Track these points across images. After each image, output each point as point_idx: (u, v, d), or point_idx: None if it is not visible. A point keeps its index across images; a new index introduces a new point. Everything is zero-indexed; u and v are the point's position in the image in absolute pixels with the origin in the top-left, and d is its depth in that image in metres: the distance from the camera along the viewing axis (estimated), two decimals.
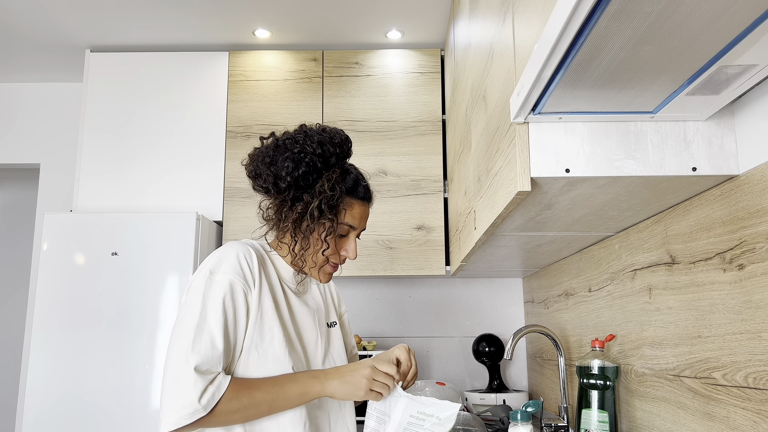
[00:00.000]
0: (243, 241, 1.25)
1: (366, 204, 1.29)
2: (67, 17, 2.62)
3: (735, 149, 1.08)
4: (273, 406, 1.14)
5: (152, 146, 2.76)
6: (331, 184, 1.21)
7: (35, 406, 2.29)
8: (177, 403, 1.08)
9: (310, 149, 1.21)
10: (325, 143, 1.23)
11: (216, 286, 1.15)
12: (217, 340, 1.12)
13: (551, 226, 1.57)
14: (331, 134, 1.25)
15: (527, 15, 1.10)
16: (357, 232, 1.29)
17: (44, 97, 3.26)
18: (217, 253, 1.20)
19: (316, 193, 1.21)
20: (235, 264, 1.17)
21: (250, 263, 1.19)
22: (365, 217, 1.29)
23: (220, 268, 1.17)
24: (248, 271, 1.18)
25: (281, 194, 1.23)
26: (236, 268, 1.17)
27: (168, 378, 1.10)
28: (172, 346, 1.12)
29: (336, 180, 1.23)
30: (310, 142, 1.22)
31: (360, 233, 1.30)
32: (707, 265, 1.20)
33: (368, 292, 2.99)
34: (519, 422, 1.42)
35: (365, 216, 1.29)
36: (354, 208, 1.26)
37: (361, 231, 1.30)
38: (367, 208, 1.30)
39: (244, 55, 2.83)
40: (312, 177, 1.22)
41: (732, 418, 1.12)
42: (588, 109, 1.04)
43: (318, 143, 1.22)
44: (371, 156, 2.73)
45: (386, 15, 2.61)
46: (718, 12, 0.70)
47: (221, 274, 1.16)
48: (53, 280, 2.39)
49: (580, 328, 2.04)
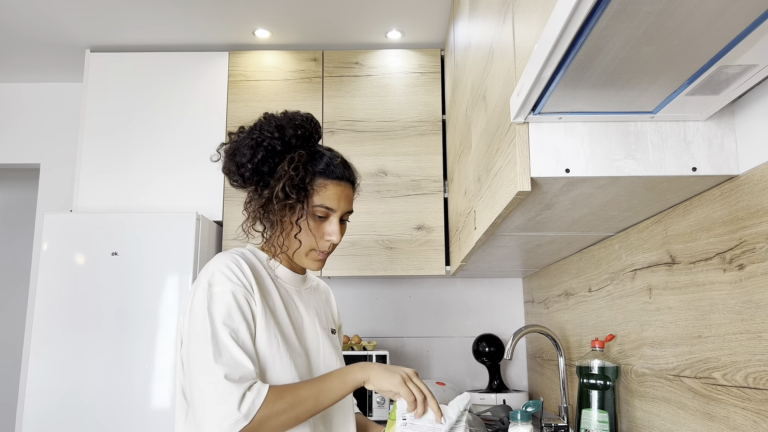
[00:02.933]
0: (232, 251, 1.23)
1: (343, 183, 1.23)
2: (67, 17, 2.62)
3: (735, 149, 1.08)
4: (319, 401, 1.11)
5: (152, 146, 2.76)
6: (294, 164, 1.19)
7: (35, 406, 2.29)
8: (215, 417, 1.03)
9: (268, 134, 1.20)
10: (285, 126, 1.21)
11: (218, 299, 1.13)
12: (233, 349, 1.09)
13: (551, 226, 1.57)
14: (292, 116, 1.23)
15: (527, 15, 1.10)
16: (338, 215, 1.23)
17: (44, 97, 3.26)
18: (209, 268, 1.17)
19: (279, 175, 1.19)
20: (230, 273, 1.15)
21: (243, 270, 1.17)
22: (345, 198, 1.24)
23: (218, 280, 1.15)
24: (243, 278, 1.16)
25: (248, 184, 1.22)
26: (232, 277, 1.15)
27: (198, 398, 1.06)
28: (194, 369, 1.08)
29: (300, 161, 1.19)
30: (268, 127, 1.21)
31: (346, 216, 1.26)
32: (707, 265, 1.20)
33: (368, 292, 2.99)
34: (519, 422, 1.42)
35: (344, 197, 1.24)
36: (328, 188, 1.21)
37: (345, 213, 1.25)
38: (345, 189, 1.24)
39: (244, 55, 2.83)
40: (273, 161, 1.20)
41: (732, 418, 1.12)
42: (588, 109, 1.04)
43: (276, 127, 1.21)
44: (371, 156, 2.73)
45: (386, 15, 2.61)
46: (718, 12, 0.70)
47: (219, 285, 1.14)
48: (53, 280, 2.39)
49: (580, 328, 2.04)
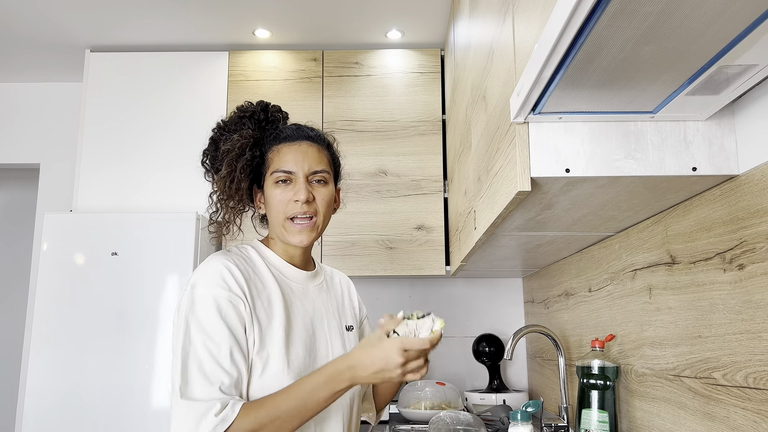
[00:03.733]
0: (230, 248, 1.19)
1: (297, 143, 1.20)
2: (67, 17, 2.62)
3: (735, 149, 1.08)
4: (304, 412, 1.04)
5: (152, 146, 2.76)
6: (233, 140, 1.19)
7: (35, 406, 2.29)
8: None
9: (221, 125, 1.24)
10: (233, 114, 1.25)
11: (199, 303, 1.08)
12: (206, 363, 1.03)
13: (551, 226, 1.57)
14: (243, 106, 1.26)
15: (527, 15, 1.10)
16: (303, 175, 1.18)
17: (44, 96, 3.26)
18: (200, 268, 1.13)
19: (223, 153, 1.20)
20: (216, 277, 1.10)
21: (234, 274, 1.11)
22: (307, 157, 1.19)
23: (202, 283, 1.10)
24: (233, 282, 1.10)
25: (210, 174, 1.25)
26: (218, 281, 1.09)
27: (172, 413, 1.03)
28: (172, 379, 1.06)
29: (244, 135, 1.20)
30: (222, 123, 1.25)
31: (317, 176, 1.20)
32: (707, 265, 1.20)
33: (368, 292, 2.99)
34: (519, 422, 1.42)
35: (304, 156, 1.19)
36: (281, 151, 1.20)
37: (313, 173, 1.19)
38: (303, 147, 1.20)
39: (244, 55, 2.83)
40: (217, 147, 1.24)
41: (732, 418, 1.12)
42: (588, 109, 1.04)
43: (226, 118, 1.25)
44: (371, 156, 2.73)
45: (386, 15, 2.61)
46: (718, 12, 0.70)
47: (203, 288, 1.09)
48: (53, 280, 2.39)
49: (580, 328, 2.04)
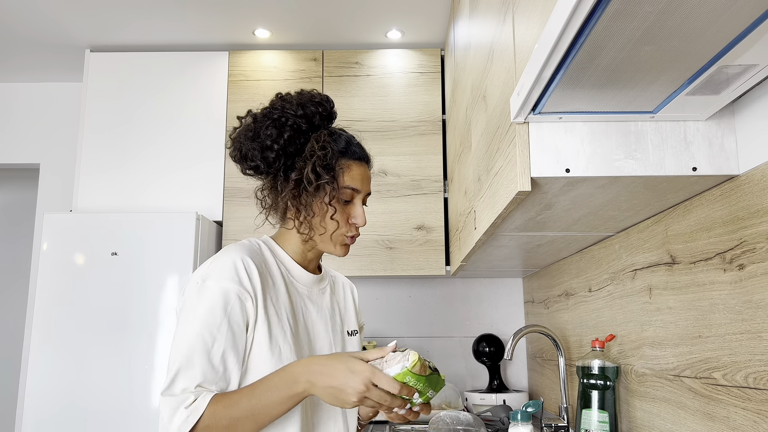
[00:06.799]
0: (244, 242, 1.16)
1: (363, 164, 1.21)
2: (67, 17, 2.62)
3: (735, 149, 1.08)
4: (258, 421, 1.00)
5: (152, 146, 2.76)
6: (321, 143, 1.14)
7: (35, 406, 2.29)
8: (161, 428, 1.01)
9: (291, 112, 1.15)
10: (306, 104, 1.17)
11: (207, 295, 1.05)
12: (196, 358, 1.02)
13: (551, 226, 1.57)
14: (310, 94, 1.19)
15: (527, 15, 1.10)
16: (362, 197, 1.19)
17: (44, 97, 3.26)
18: (215, 258, 1.10)
19: (307, 156, 1.14)
20: (230, 269, 1.07)
21: (248, 268, 1.08)
22: (366, 179, 1.21)
23: (213, 274, 1.07)
24: (245, 277, 1.07)
25: (272, 167, 1.14)
26: (231, 274, 1.06)
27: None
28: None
29: (326, 140, 1.15)
30: (290, 106, 1.16)
31: (365, 199, 1.21)
32: (707, 265, 1.20)
33: (368, 292, 2.99)
34: (519, 422, 1.42)
35: (366, 178, 1.20)
36: (352, 169, 1.18)
37: (366, 195, 1.21)
38: (365, 170, 1.21)
39: (244, 55, 2.83)
40: (300, 140, 1.15)
41: (732, 418, 1.12)
42: (588, 109, 1.04)
43: (298, 105, 1.16)
44: (371, 156, 2.72)
45: (386, 15, 2.61)
46: (718, 12, 0.70)
47: (213, 280, 1.06)
48: (53, 280, 2.39)
49: (580, 328, 2.04)
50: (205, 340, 1.03)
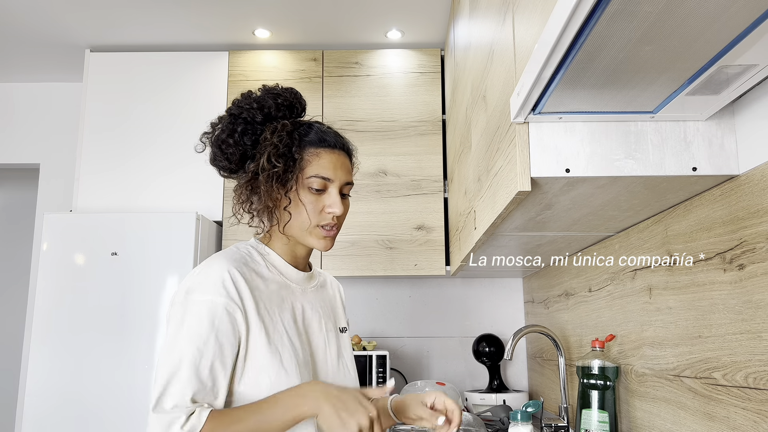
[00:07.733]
0: (232, 249, 1.16)
1: (337, 151, 1.17)
2: (67, 17, 2.62)
3: (735, 149, 1.08)
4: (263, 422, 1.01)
5: (152, 146, 2.76)
6: (278, 132, 1.14)
7: (35, 406, 2.29)
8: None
9: (246, 106, 1.16)
10: (263, 97, 1.17)
11: (194, 310, 1.04)
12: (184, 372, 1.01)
13: (551, 226, 1.57)
14: (272, 88, 1.20)
15: (527, 15, 1.10)
16: (337, 185, 1.16)
17: (44, 97, 3.26)
18: (200, 270, 1.09)
19: (262, 147, 1.14)
20: (215, 282, 1.06)
21: (235, 279, 1.07)
22: (342, 167, 1.17)
23: (199, 288, 1.06)
24: (233, 289, 1.06)
25: (232, 162, 1.15)
26: (217, 288, 1.05)
27: None
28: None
29: (285, 129, 1.15)
30: (248, 101, 1.17)
31: (346, 189, 1.18)
32: (707, 265, 1.20)
33: (368, 292, 2.99)
34: (519, 422, 1.42)
35: (341, 166, 1.17)
36: (321, 156, 1.15)
37: (344, 185, 1.17)
38: (340, 157, 1.17)
39: (244, 55, 2.83)
40: (255, 133, 1.15)
41: (732, 418, 1.12)
42: (588, 109, 1.04)
43: (255, 100, 1.17)
44: (371, 156, 2.73)
45: (386, 15, 2.61)
46: (718, 12, 0.70)
47: (199, 293, 1.05)
48: (53, 280, 2.39)
49: (580, 328, 2.04)
50: (192, 355, 1.02)
